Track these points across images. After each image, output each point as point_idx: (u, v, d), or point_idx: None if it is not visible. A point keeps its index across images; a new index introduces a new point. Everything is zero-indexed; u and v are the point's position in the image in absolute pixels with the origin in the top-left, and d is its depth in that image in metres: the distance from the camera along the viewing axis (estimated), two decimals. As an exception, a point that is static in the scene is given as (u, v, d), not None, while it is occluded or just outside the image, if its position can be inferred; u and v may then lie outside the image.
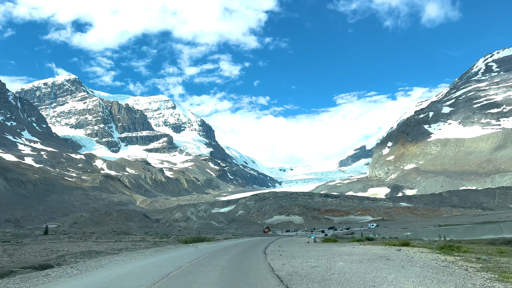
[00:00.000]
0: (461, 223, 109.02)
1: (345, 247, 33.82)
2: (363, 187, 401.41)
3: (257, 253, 30.20)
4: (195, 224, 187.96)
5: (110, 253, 30.77)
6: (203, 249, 35.84)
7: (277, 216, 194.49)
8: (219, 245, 41.77)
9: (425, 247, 30.35)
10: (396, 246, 32.53)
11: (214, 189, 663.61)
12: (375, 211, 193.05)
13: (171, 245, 42.54)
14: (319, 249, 32.41)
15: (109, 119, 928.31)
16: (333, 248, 32.84)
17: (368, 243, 38.63)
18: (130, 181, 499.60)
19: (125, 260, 25.54)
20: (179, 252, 31.96)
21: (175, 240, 48.09)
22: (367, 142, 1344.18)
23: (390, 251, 27.60)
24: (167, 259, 25.48)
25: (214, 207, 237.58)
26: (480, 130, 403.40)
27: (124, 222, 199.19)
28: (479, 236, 62.00)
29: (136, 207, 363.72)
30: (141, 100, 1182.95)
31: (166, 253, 30.89)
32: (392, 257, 22.83)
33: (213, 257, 26.18)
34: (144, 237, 49.14)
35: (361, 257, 23.59)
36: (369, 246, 34.28)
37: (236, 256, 27.45)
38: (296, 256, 26.61)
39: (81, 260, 26.21)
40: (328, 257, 24.51)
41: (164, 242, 45.32)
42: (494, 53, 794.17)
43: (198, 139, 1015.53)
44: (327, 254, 27.16)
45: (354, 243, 40.38)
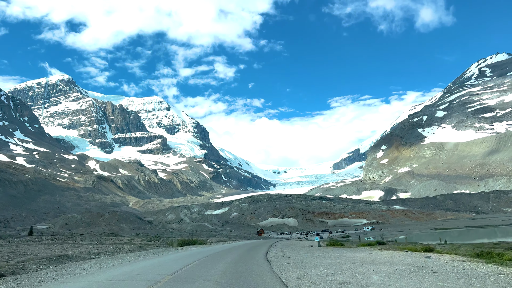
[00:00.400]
0: (457, 226, 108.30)
1: (359, 253, 30.09)
2: (357, 190, 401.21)
3: (258, 260, 25.82)
4: (188, 226, 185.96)
5: (84, 258, 27.49)
6: (193, 254, 31.82)
7: (271, 219, 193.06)
8: (212, 249, 37.96)
9: (456, 253, 26.68)
10: (419, 252, 28.96)
11: (208, 191, 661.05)
12: (370, 214, 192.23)
13: (158, 248, 39.00)
14: (330, 255, 28.59)
15: (103, 120, 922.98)
16: (347, 254, 29.10)
17: (382, 248, 35.00)
18: (123, 182, 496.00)
19: (92, 269, 21.52)
20: (164, 258, 27.84)
21: (164, 243, 45.92)
22: (361, 145, 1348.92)
23: (419, 258, 23.88)
24: (146, 269, 21.07)
25: (207, 209, 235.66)
26: (473, 134, 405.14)
27: (116, 224, 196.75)
28: (479, 240, 60.95)
29: (129, 209, 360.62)
30: (135, 101, 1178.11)
31: (148, 259, 27.09)
32: (435, 268, 19.03)
33: (203, 266, 21.74)
34: (132, 239, 47.00)
35: (393, 268, 19.56)
36: (387, 251, 30.46)
37: (233, 264, 22.81)
38: (308, 265, 22.30)
39: (43, 267, 22.69)
40: (350, 267, 20.39)
41: (151, 245, 42.52)
42: (487, 58, 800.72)
43: (192, 140, 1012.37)
44: (346, 262, 23.09)
45: (366, 248, 36.75)
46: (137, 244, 38.50)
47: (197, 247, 43.41)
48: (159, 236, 68.31)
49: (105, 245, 37.83)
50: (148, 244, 42.05)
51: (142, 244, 40.27)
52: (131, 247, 35.98)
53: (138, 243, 40.99)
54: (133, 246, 35.78)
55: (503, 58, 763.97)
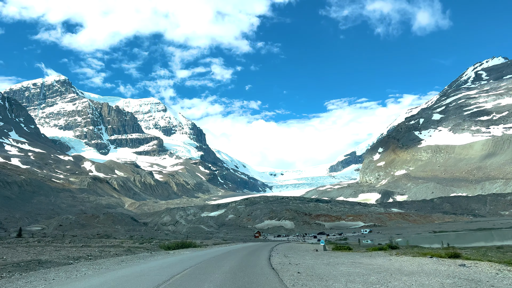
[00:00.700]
0: (455, 229, 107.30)
1: (376, 259, 26.26)
2: (353, 193, 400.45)
3: (263, 268, 21.61)
4: (184, 228, 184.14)
5: (59, 263, 23.89)
6: (185, 259, 28.16)
7: (267, 221, 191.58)
8: (207, 253, 34.50)
9: (490, 260, 23.16)
10: (444, 257, 25.60)
11: (204, 193, 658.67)
12: (367, 217, 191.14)
13: (148, 252, 35.50)
14: (343, 262, 24.59)
15: (99, 121, 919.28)
16: (362, 261, 25.21)
17: (398, 253, 31.27)
18: (119, 184, 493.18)
19: (55, 281, 17.32)
20: (150, 265, 23.89)
21: (156, 246, 43.04)
22: (357, 148, 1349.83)
23: (454, 267, 20.20)
24: (121, 280, 16.94)
25: (203, 211, 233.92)
26: (470, 137, 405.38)
27: (111, 225, 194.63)
28: (480, 243, 59.83)
29: (124, 210, 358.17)
30: (132, 102, 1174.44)
31: (130, 266, 23.11)
32: (491, 281, 15.11)
33: (195, 277, 17.56)
34: (123, 242, 45.13)
35: (437, 281, 15.55)
36: (407, 257, 26.81)
37: (232, 275, 18.60)
38: (323, 275, 18.33)
39: (5, 275, 19.09)
40: (379, 280, 16.40)
41: (142, 248, 39.11)
42: (483, 62, 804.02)
43: (189, 142, 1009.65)
44: (368, 272, 19.14)
45: (379, 253, 32.99)
46: (125, 247, 35.29)
47: (190, 250, 40.76)
48: (152, 239, 66.75)
49: (91, 248, 34.87)
50: (138, 247, 39.61)
51: (131, 247, 37.13)
52: (118, 251, 32.69)
53: (127, 246, 37.84)
54: (121, 250, 32.96)
55: (499, 62, 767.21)
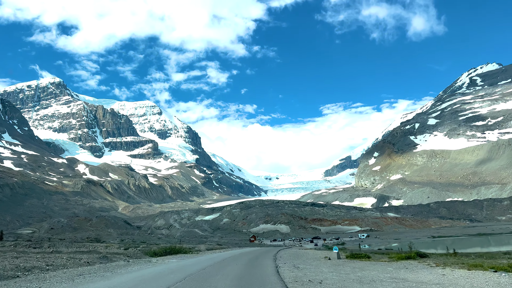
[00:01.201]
0: (455, 234, 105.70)
1: (420, 273, 20.88)
2: (349, 197, 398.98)
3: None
4: (177, 232, 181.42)
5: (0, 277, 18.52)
6: (165, 272, 22.42)
7: (263, 225, 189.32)
8: (197, 262, 28.81)
9: None
10: (487, 270, 21.14)
11: (199, 196, 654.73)
12: (363, 221, 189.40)
13: (125, 260, 29.32)
14: (380, 278, 19.23)
15: (94, 124, 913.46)
16: (406, 276, 19.80)
17: (439, 264, 25.93)
18: (113, 187, 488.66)
19: None
20: (114, 282, 17.98)
21: (141, 252, 38.21)
22: (352, 152, 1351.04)
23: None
24: None
25: (198, 214, 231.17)
26: (465, 142, 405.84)
27: (104, 229, 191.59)
28: (483, 249, 58.08)
29: (118, 214, 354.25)
30: (127, 105, 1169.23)
31: (85, 284, 17.37)
32: None
33: None
34: (108, 246, 42.32)
35: None
36: (463, 271, 21.34)
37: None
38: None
39: None
40: None
41: (122, 254, 33.74)
42: (478, 68, 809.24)
43: (184, 145, 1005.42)
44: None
45: (413, 263, 27.75)
46: (102, 253, 29.88)
47: (178, 258, 35.36)
48: (143, 242, 64.39)
49: (61, 254, 30.08)
50: (117, 253, 33.80)
51: (110, 253, 31.72)
52: (91, 258, 27.71)
53: (106, 252, 32.72)
54: (96, 256, 27.38)
55: (493, 67, 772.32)
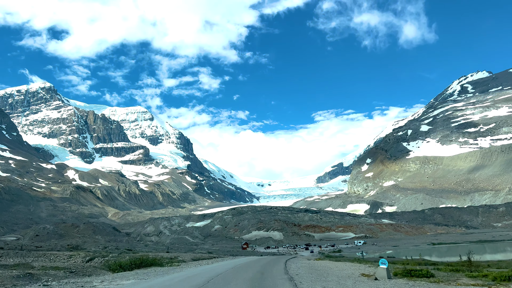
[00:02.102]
0: (455, 241, 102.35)
1: None
2: (342, 203, 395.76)
3: None
4: (167, 238, 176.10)
5: None
6: None
7: (255, 232, 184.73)
8: (169, 285, 21.27)
9: None
10: None
11: (190, 203, 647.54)
12: (357, 228, 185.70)
13: (50, 282, 22.02)
14: None
15: (84, 129, 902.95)
16: None
17: None
18: (103, 193, 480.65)
19: None
20: None
21: (104, 264, 30.08)
22: (344, 159, 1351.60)
23: None
24: None
25: (189, 221, 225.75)
26: (458, 149, 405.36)
27: (91, 236, 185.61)
28: (497, 256, 54.52)
29: (107, 220, 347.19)
30: (118, 110, 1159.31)
31: None
32: None
33: None
34: (73, 256, 36.92)
35: None
36: None
37: None
38: None
39: None
40: None
41: (64, 269, 26.74)
42: (468, 75, 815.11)
43: (176, 152, 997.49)
44: None
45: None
46: (36, 268, 24.10)
47: (142, 276, 26.09)
48: (126, 250, 59.70)
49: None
50: (65, 267, 27.12)
51: (51, 267, 25.01)
52: (17, 273, 21.28)
53: (49, 266, 26.27)
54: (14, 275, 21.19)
55: (483, 75, 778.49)
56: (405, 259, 44.45)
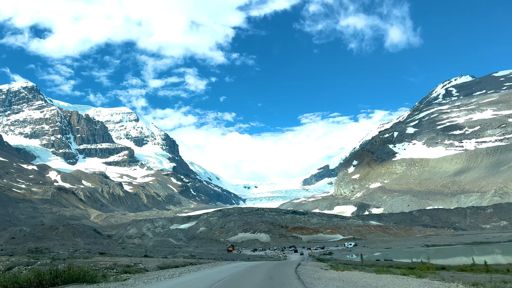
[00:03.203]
0: (448, 243, 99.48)
1: None
2: (329, 205, 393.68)
3: None
4: (150, 241, 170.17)
5: None
6: None
7: (242, 234, 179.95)
8: None
9: None
10: None
11: (176, 205, 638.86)
12: (345, 229, 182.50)
13: None
14: None
15: (67, 130, 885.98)
16: None
17: None
18: (85, 195, 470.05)
19: None
20: None
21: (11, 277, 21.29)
22: (330, 161, 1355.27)
23: None
24: None
25: (173, 223, 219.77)
26: (444, 151, 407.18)
27: (70, 238, 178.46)
28: (499, 258, 51.04)
29: (89, 222, 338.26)
30: (103, 111, 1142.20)
31: None
32: None
33: None
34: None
35: None
36: None
37: None
38: None
39: None
40: None
41: None
42: (452, 80, 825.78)
43: (161, 153, 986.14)
44: None
45: None
46: None
47: None
48: (98, 254, 54.56)
49: None
50: None
51: None
52: None
53: None
54: None
55: (467, 80, 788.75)
56: (421, 262, 40.33)
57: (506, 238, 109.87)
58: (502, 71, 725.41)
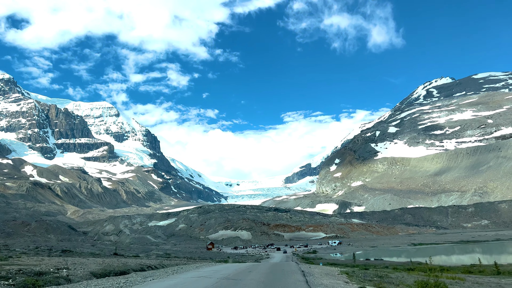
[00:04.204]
0: (435, 241, 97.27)
1: None
2: (311, 203, 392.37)
3: None
4: (127, 238, 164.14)
5: None
6: None
7: (222, 231, 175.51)
8: None
9: None
10: None
11: (156, 202, 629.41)
12: (328, 227, 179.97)
13: None
14: None
15: (45, 124, 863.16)
16: None
17: None
18: (62, 190, 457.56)
19: None
20: None
21: None
22: (312, 160, 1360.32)
23: None
24: None
25: (152, 220, 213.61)
26: (425, 151, 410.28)
27: (43, 234, 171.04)
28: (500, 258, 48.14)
29: (66, 218, 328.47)
30: (83, 105, 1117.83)
31: None
32: None
33: None
34: None
35: None
36: None
37: None
38: None
39: None
40: None
41: None
42: (433, 81, 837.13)
43: (142, 149, 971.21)
44: None
45: None
46: None
47: None
48: (67, 252, 49.51)
49: None
50: None
51: None
52: None
53: None
54: None
55: (447, 81, 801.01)
56: (425, 263, 36.52)
57: (492, 237, 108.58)
58: (481, 73, 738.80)
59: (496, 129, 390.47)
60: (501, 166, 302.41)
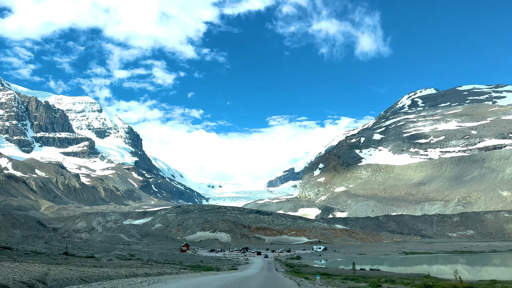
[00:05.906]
0: (426, 251, 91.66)
1: None
2: (293, 207, 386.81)
3: None
4: (99, 236, 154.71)
5: None
6: None
7: (200, 232, 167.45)
8: None
9: None
10: None
11: (135, 200, 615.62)
12: (311, 232, 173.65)
13: None
14: None
15: (24, 116, 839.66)
16: None
17: None
18: (38, 185, 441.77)
19: None
20: None
21: None
22: (295, 165, 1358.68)
23: None
24: None
25: (127, 218, 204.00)
26: (409, 159, 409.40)
27: (8, 229, 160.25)
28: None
29: (38, 214, 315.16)
30: (65, 99, 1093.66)
31: None
32: None
33: None
34: None
35: None
36: None
37: None
38: None
39: None
40: None
41: None
42: (417, 91, 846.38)
43: (123, 146, 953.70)
44: None
45: None
46: None
47: None
48: (6, 249, 41.52)
49: None
50: None
51: None
52: None
53: None
54: None
55: (431, 92, 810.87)
56: (447, 279, 30.09)
57: (485, 248, 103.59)
58: (465, 86, 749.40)
59: (480, 140, 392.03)
60: (484, 177, 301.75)
